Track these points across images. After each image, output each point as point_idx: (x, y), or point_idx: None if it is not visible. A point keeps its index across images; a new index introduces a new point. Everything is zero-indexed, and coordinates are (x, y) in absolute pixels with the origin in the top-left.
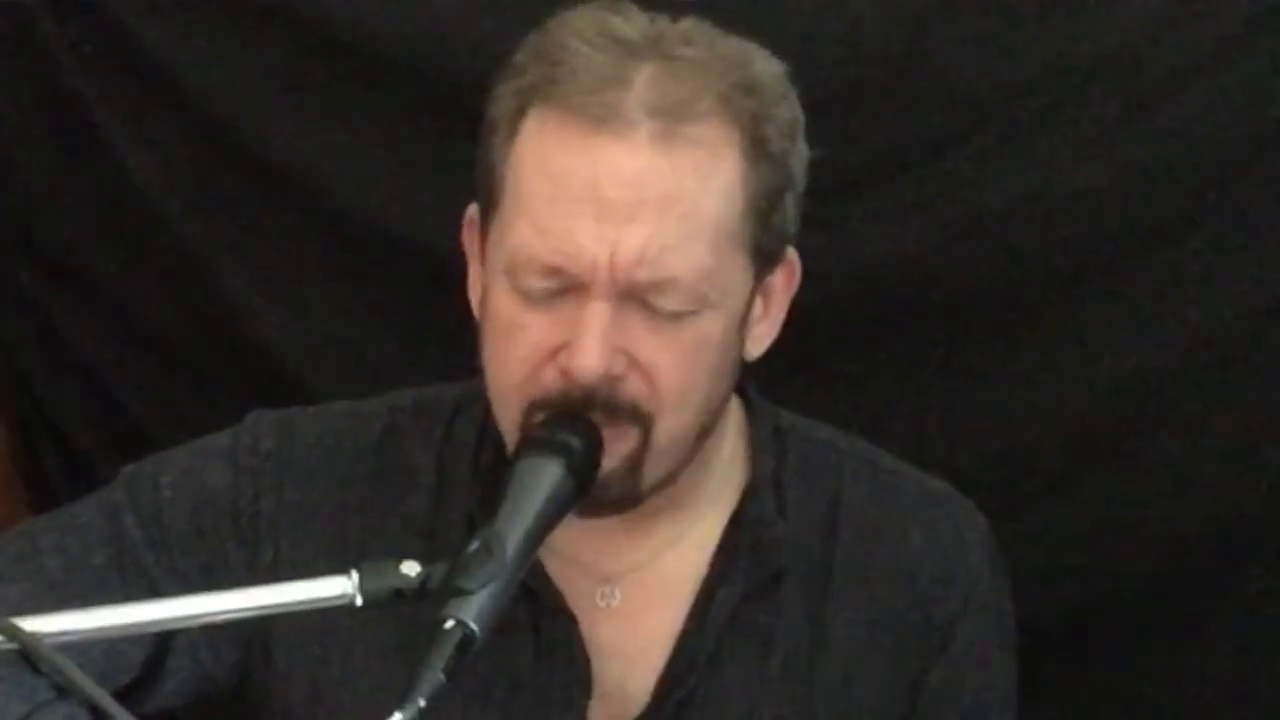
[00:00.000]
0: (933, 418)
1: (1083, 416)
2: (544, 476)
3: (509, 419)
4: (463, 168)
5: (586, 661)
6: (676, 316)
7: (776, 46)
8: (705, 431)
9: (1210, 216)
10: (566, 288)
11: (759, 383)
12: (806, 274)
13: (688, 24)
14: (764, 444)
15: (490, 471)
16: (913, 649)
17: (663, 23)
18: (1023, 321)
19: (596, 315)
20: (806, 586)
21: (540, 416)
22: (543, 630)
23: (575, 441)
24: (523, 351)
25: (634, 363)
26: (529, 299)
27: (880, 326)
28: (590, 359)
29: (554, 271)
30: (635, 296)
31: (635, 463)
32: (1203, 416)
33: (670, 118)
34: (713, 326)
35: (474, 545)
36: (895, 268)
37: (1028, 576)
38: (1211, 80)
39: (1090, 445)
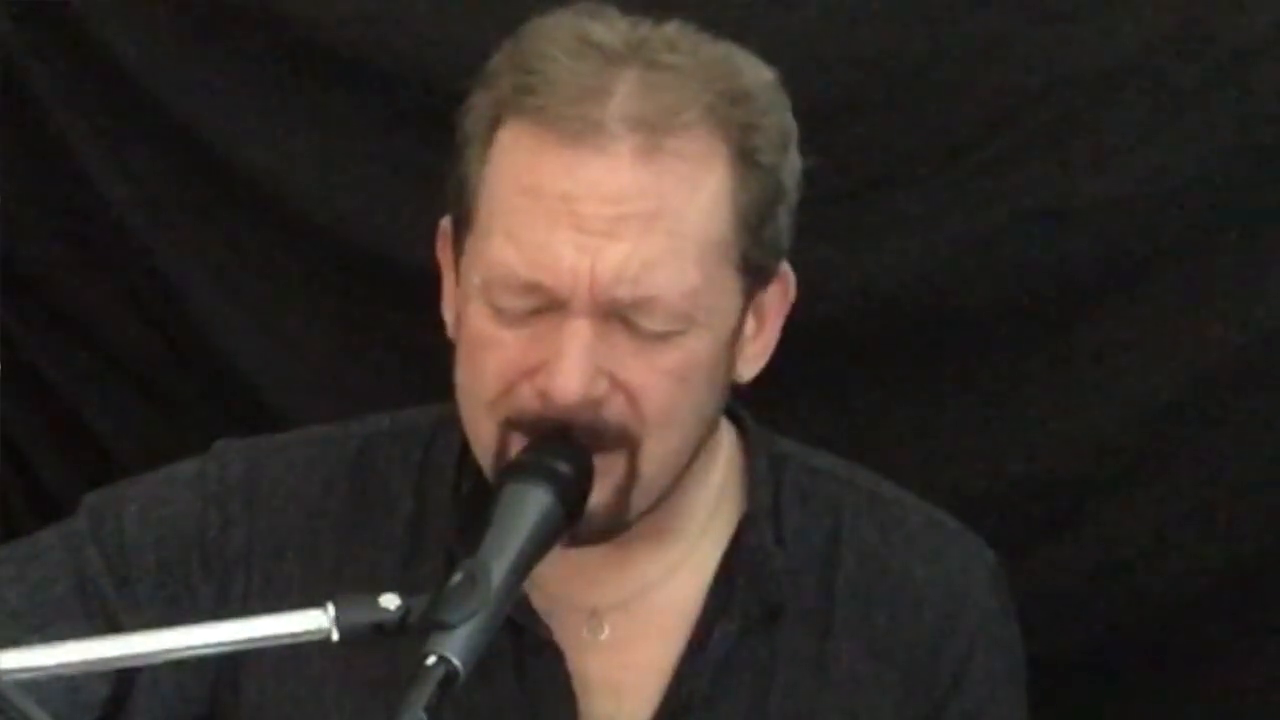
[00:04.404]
0: (944, 442)
1: (1102, 440)
2: (531, 504)
3: (482, 440)
4: (444, 179)
5: (572, 697)
6: (662, 336)
7: (784, 52)
8: (693, 456)
9: (1235, 229)
10: (545, 306)
11: (760, 404)
12: (811, 288)
13: (671, 28)
14: (761, 473)
15: (470, 500)
16: (922, 687)
17: (645, 27)
18: (1039, 339)
19: (576, 334)
20: (807, 621)
21: (518, 436)
22: (527, 665)
23: (565, 467)
24: (497, 367)
25: (617, 384)
26: (506, 317)
27: (888, 344)
28: (570, 380)
29: (532, 289)
30: (617, 315)
31: (623, 493)
32: (1227, 439)
33: (653, 130)
34: (700, 346)
35: (458, 576)
36: (904, 282)
37: (1045, 607)
38: (1235, 88)
39: (1110, 470)
